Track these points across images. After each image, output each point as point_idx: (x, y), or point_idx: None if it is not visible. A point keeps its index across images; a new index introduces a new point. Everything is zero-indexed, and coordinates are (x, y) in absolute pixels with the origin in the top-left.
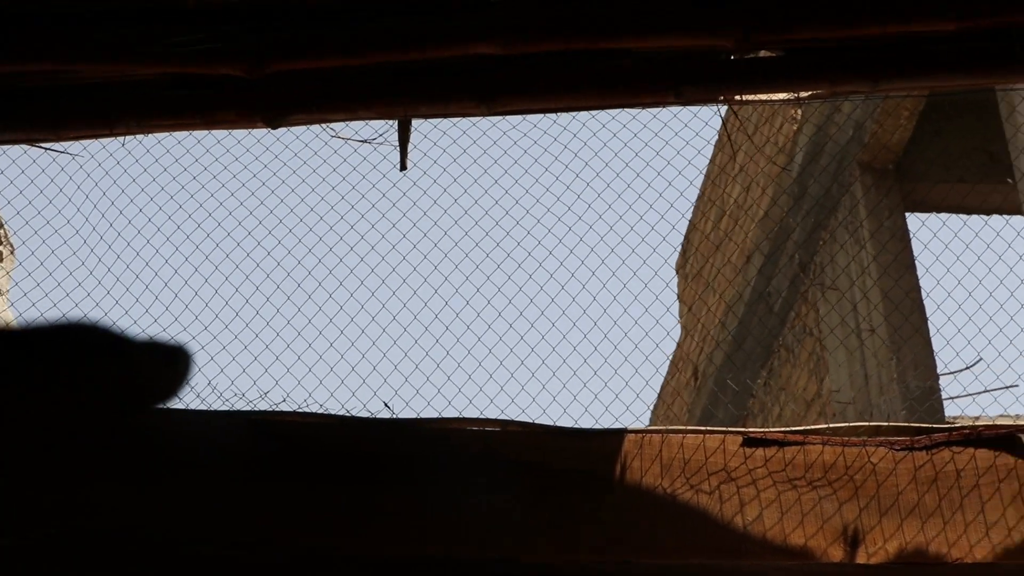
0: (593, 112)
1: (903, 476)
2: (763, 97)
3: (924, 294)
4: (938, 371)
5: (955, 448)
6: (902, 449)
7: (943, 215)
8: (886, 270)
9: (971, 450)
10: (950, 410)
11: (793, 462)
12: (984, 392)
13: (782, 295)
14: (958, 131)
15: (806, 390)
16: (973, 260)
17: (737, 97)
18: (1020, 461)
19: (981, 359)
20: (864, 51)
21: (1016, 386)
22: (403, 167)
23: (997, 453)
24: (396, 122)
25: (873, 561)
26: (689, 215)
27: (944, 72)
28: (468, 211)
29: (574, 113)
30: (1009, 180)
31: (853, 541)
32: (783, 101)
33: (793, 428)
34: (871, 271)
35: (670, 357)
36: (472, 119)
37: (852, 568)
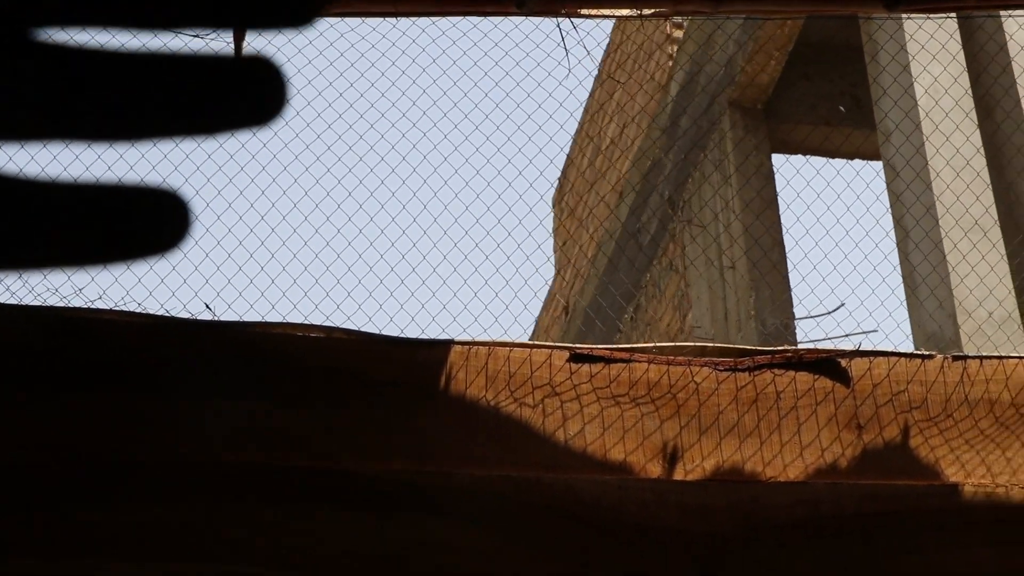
0: (437, 20)
1: (725, 396)
2: (605, 12)
3: (784, 232)
4: (794, 309)
5: (777, 370)
6: (725, 370)
7: (807, 156)
8: (748, 204)
9: (792, 373)
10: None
11: (618, 379)
12: (844, 336)
13: (651, 232)
14: (826, 74)
15: (670, 325)
16: (833, 199)
17: (580, 11)
18: (838, 385)
19: (843, 304)
20: None
21: (874, 331)
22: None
23: (817, 377)
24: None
25: (690, 478)
26: (567, 150)
27: None
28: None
29: (414, 19)
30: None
31: (672, 458)
32: (625, 16)
33: (620, 346)
34: (734, 207)
35: (541, 292)
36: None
37: (667, 483)
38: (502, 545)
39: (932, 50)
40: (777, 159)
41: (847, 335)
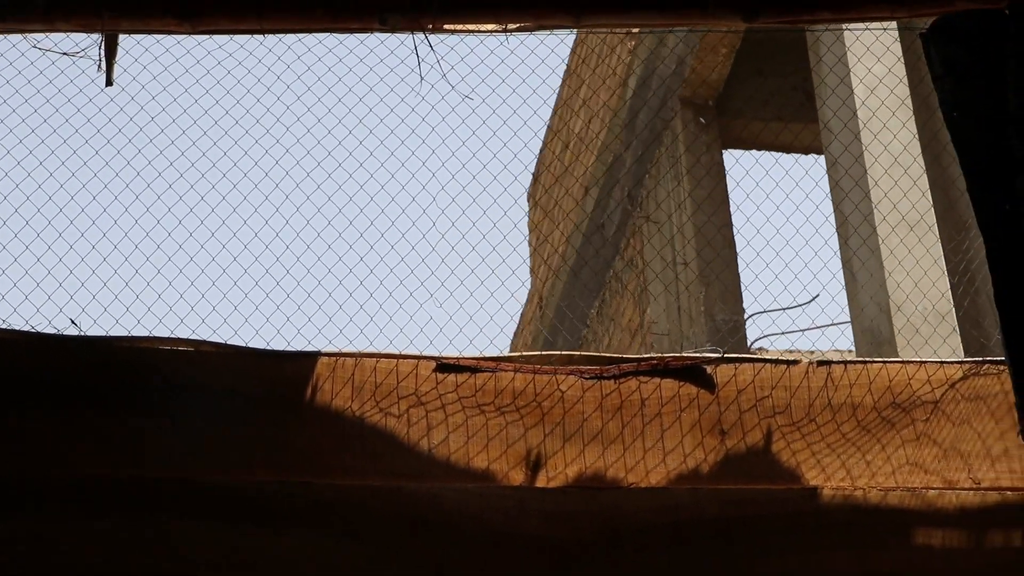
0: (337, 36)
1: (590, 403)
2: (469, 27)
3: (735, 230)
4: (744, 305)
5: (643, 378)
6: (591, 378)
7: (757, 152)
8: (700, 205)
9: (658, 380)
10: (763, 345)
11: (484, 388)
12: (800, 331)
13: (614, 227)
14: (777, 70)
15: (631, 320)
16: (782, 198)
17: (444, 26)
18: (703, 391)
19: (816, 297)
20: None
21: (829, 326)
22: (108, 83)
23: (682, 383)
24: (100, 37)
25: (552, 485)
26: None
27: (643, 11)
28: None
29: (279, 36)
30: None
31: (535, 465)
32: (488, 31)
33: (486, 356)
34: (687, 205)
35: (527, 284)
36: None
37: (529, 491)
38: (359, 554)
39: (876, 51)
40: (731, 158)
41: (802, 330)
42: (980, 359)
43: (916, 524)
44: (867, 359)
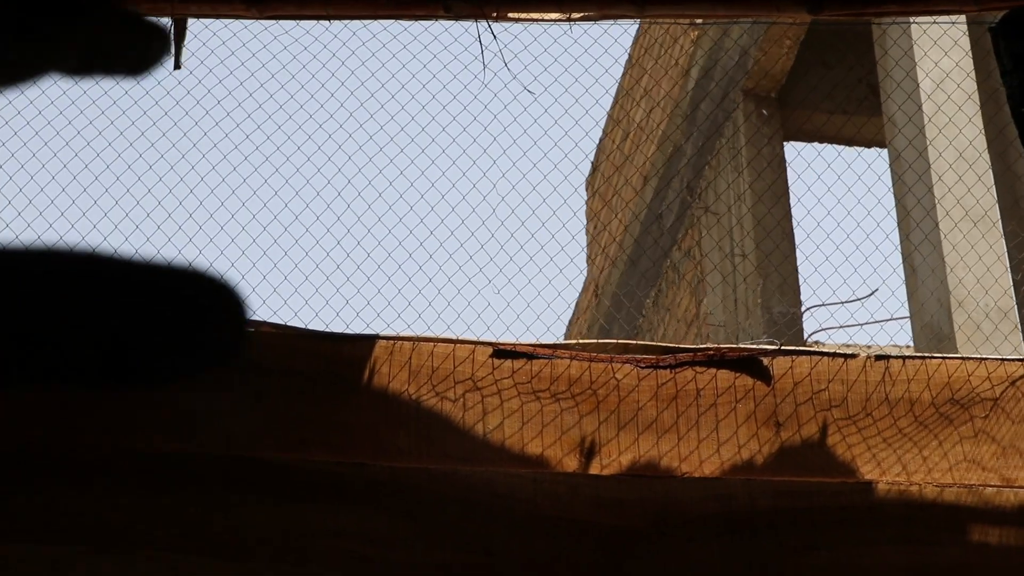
0: (402, 23)
1: (645, 392)
2: (533, 16)
3: (795, 222)
4: (802, 298)
5: (698, 368)
6: (647, 367)
7: (819, 145)
8: (761, 197)
9: (714, 371)
10: (820, 338)
11: (540, 375)
12: (860, 325)
13: (673, 217)
14: (841, 61)
15: (687, 311)
16: (844, 191)
17: (508, 15)
18: (758, 383)
19: (875, 292)
20: None
21: (891, 319)
22: (177, 66)
23: (737, 375)
24: (170, 21)
25: (606, 472)
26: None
27: (708, 1)
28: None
29: (346, 21)
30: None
31: (589, 452)
32: (552, 20)
33: (543, 343)
34: (747, 197)
35: (584, 272)
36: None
37: (581, 477)
38: (410, 534)
39: (943, 45)
40: (792, 151)
41: (860, 324)
42: None
43: (972, 521)
44: (926, 355)
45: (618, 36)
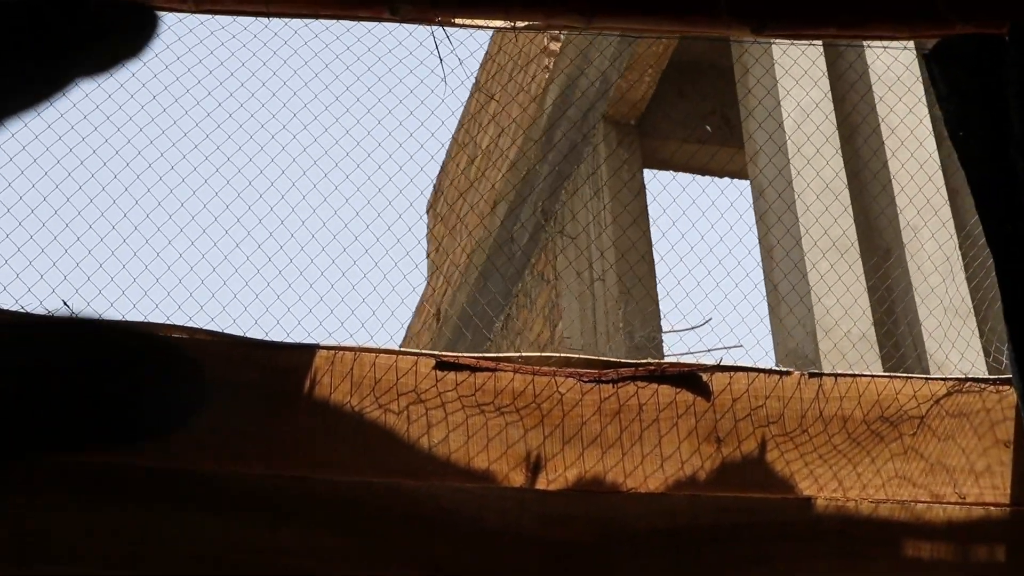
0: (324, 22)
1: (588, 407)
2: (479, 22)
3: (653, 247)
4: (662, 322)
5: (640, 383)
6: (589, 381)
7: (678, 173)
8: (618, 219)
9: (655, 386)
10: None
11: (484, 388)
12: (708, 351)
13: (523, 240)
14: (698, 93)
15: (541, 335)
16: (699, 216)
17: (454, 20)
18: (699, 398)
19: (709, 320)
20: None
21: (739, 346)
22: None
23: (678, 390)
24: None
25: (552, 487)
26: (443, 156)
27: (656, 16)
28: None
29: (285, 20)
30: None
31: (535, 467)
32: (498, 27)
33: (486, 355)
34: (605, 220)
35: (410, 299)
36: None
37: (528, 492)
38: (354, 550)
39: (797, 74)
40: (649, 174)
41: (710, 349)
42: (962, 377)
43: (905, 536)
44: (856, 372)
45: (464, 58)
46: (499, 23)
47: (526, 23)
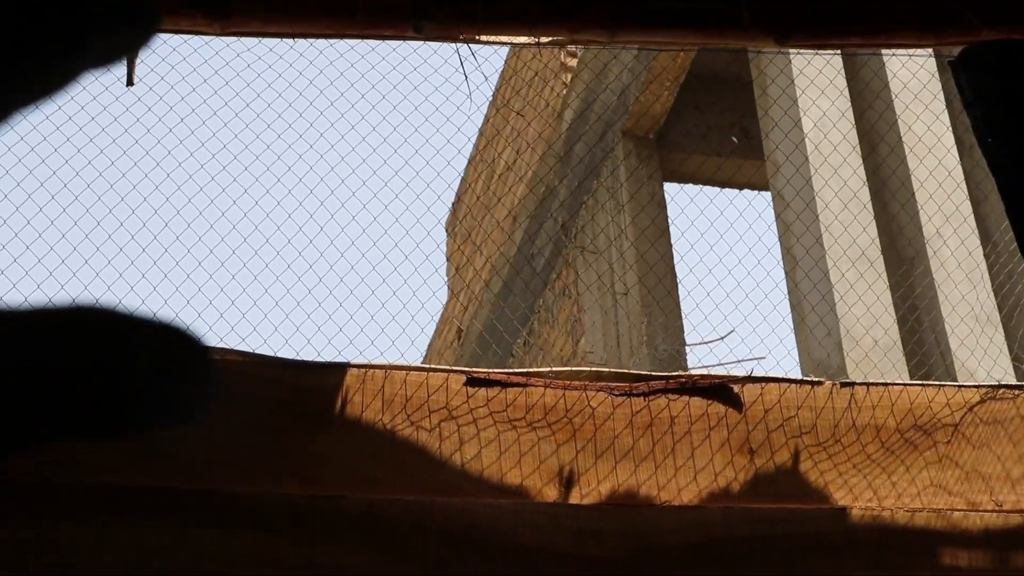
0: (333, 41)
1: (620, 420)
2: (503, 39)
3: (677, 260)
4: (686, 335)
5: (671, 396)
6: (620, 395)
7: (698, 186)
8: (641, 234)
9: (686, 398)
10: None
11: (515, 403)
12: (735, 363)
13: (545, 257)
14: (717, 106)
15: (563, 350)
16: (725, 228)
17: (479, 37)
18: (730, 410)
19: (731, 332)
20: (604, 2)
21: (764, 358)
22: (130, 82)
23: (709, 402)
24: None
25: (586, 502)
26: (462, 175)
27: (679, 29)
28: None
29: (311, 40)
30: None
31: (568, 482)
32: (522, 44)
33: (517, 370)
34: (628, 234)
35: (436, 316)
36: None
37: (562, 508)
38: (389, 568)
39: (820, 84)
40: (671, 188)
41: (738, 361)
42: (996, 383)
43: (942, 545)
44: (888, 382)
45: (490, 75)
46: (523, 39)
47: (550, 39)
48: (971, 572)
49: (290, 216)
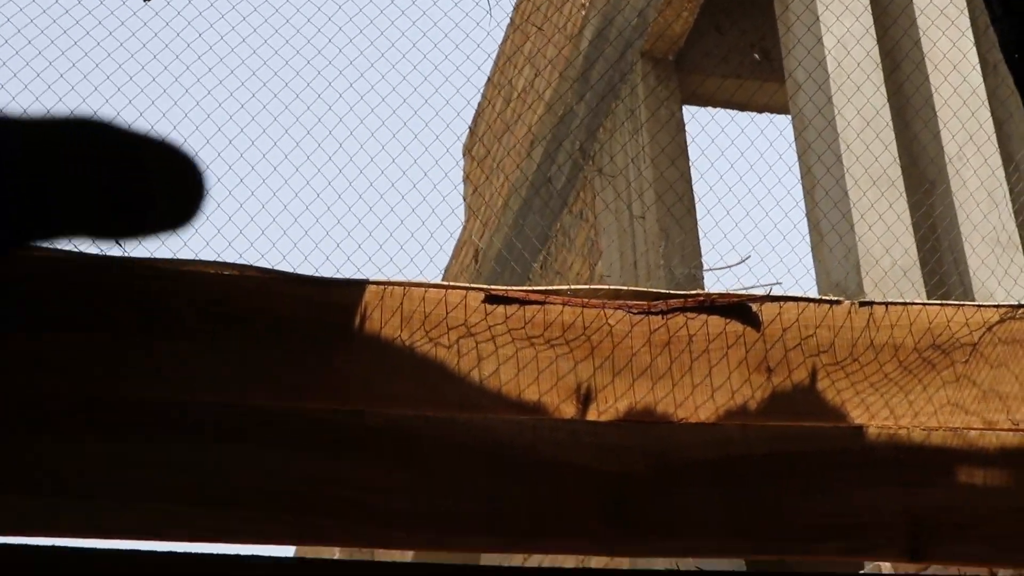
0: None
1: (638, 338)
2: None
3: (694, 182)
4: (703, 257)
5: (689, 314)
6: (639, 313)
7: (717, 108)
8: (659, 155)
9: (704, 317)
10: None
11: (533, 320)
12: (751, 287)
13: (563, 180)
14: (736, 27)
15: (580, 274)
16: (744, 149)
17: None
18: (748, 329)
19: (749, 256)
20: None
21: (779, 283)
22: None
23: (728, 321)
24: None
25: (603, 418)
26: (479, 98)
27: None
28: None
29: None
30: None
31: (585, 398)
32: None
33: (535, 288)
34: (645, 156)
35: (455, 235)
36: None
37: (581, 424)
38: (411, 482)
39: (839, 9)
40: (689, 110)
41: (753, 287)
42: (1016, 303)
43: (959, 463)
44: (907, 301)
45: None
46: None
47: None
48: (988, 489)
49: (309, 132)
